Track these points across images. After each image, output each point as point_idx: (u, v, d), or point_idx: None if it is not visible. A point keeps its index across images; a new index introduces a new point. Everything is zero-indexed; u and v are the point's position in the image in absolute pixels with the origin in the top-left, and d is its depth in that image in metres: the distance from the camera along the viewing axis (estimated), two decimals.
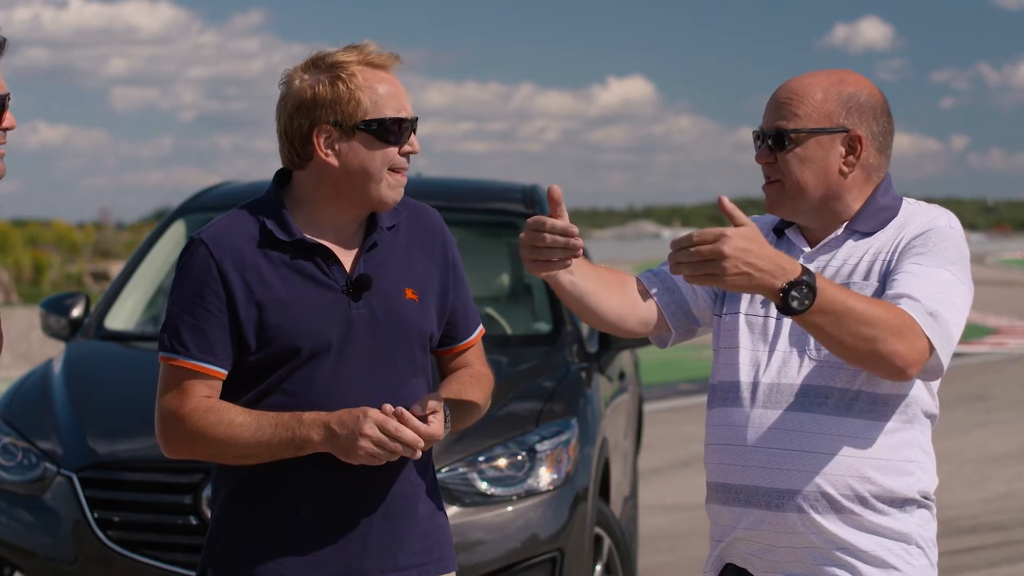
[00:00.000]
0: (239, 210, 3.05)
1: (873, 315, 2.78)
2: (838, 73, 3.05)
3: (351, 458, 2.90)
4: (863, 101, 3.01)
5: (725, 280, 2.69)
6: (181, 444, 2.99)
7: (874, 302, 2.82)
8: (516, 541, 5.09)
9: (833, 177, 3.00)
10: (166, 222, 6.92)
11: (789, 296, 2.71)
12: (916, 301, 2.83)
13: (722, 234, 2.67)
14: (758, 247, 2.69)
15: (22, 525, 5.23)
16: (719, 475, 3.04)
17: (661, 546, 8.42)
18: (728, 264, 2.68)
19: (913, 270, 2.89)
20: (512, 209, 6.77)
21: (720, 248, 2.67)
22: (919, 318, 2.82)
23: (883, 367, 2.82)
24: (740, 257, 2.68)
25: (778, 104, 3.02)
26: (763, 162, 3.03)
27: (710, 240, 2.67)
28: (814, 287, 2.72)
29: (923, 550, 2.98)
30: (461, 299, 3.18)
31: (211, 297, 2.96)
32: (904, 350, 2.79)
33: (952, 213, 3.03)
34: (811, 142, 2.99)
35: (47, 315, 6.46)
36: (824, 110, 2.99)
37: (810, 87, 3.01)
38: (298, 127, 2.99)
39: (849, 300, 2.77)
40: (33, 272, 38.70)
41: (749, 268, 2.69)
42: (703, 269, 2.69)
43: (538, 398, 5.53)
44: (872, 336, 2.77)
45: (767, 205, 3.07)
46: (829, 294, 2.75)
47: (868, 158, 3.01)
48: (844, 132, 2.99)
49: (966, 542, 8.35)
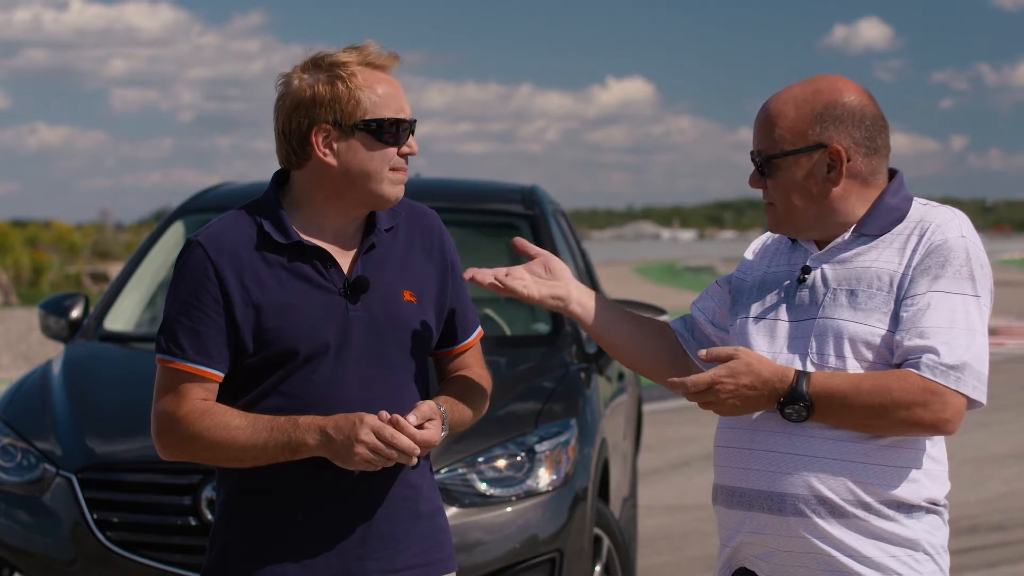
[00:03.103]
0: (237, 211, 3.04)
1: (885, 400, 2.83)
2: (814, 82, 3.00)
3: (346, 463, 2.89)
4: (839, 111, 2.96)
5: (722, 412, 2.93)
6: (177, 447, 2.98)
7: (883, 382, 2.84)
8: (515, 542, 5.09)
9: (820, 195, 2.98)
10: (165, 223, 6.92)
11: (784, 413, 2.89)
12: (937, 356, 2.83)
13: (712, 382, 2.87)
14: (748, 377, 2.87)
15: (21, 526, 5.22)
16: (725, 478, 3.04)
17: (660, 546, 8.42)
18: (723, 408, 2.90)
19: (932, 302, 2.87)
20: (512, 210, 6.76)
21: (715, 395, 2.88)
22: (943, 380, 2.83)
23: (920, 433, 2.89)
24: (732, 392, 2.87)
25: (759, 126, 3.02)
26: (755, 187, 3.06)
27: (703, 389, 2.89)
28: (807, 400, 2.86)
29: (931, 557, 2.95)
30: (460, 301, 3.18)
31: (208, 299, 2.96)
32: (931, 418, 2.84)
33: (963, 214, 3.00)
34: (790, 164, 2.97)
35: (46, 316, 6.46)
36: (798, 129, 2.96)
37: (784, 105, 2.98)
38: (296, 126, 2.98)
39: (853, 397, 2.84)
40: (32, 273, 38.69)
41: (740, 400, 2.89)
42: (701, 401, 2.92)
43: (537, 399, 5.52)
44: (891, 416, 2.84)
45: (769, 227, 3.09)
46: (826, 399, 2.86)
47: (855, 167, 2.97)
48: (822, 148, 2.96)
49: (966, 542, 8.35)
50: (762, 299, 3.06)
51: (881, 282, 2.93)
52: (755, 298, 3.08)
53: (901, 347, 2.87)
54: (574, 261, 7.07)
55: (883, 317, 2.91)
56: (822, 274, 3.00)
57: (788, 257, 3.09)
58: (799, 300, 3.00)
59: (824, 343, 2.93)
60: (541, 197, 6.88)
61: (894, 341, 2.89)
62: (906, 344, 2.87)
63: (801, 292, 3.01)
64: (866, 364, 2.90)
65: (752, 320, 3.04)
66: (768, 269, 3.12)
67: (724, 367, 2.87)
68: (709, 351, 2.91)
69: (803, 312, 2.99)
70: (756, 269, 3.15)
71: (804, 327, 2.97)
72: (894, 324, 2.90)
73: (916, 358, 2.85)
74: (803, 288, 3.01)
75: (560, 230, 6.98)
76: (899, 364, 2.88)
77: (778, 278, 3.07)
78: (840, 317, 2.93)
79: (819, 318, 2.95)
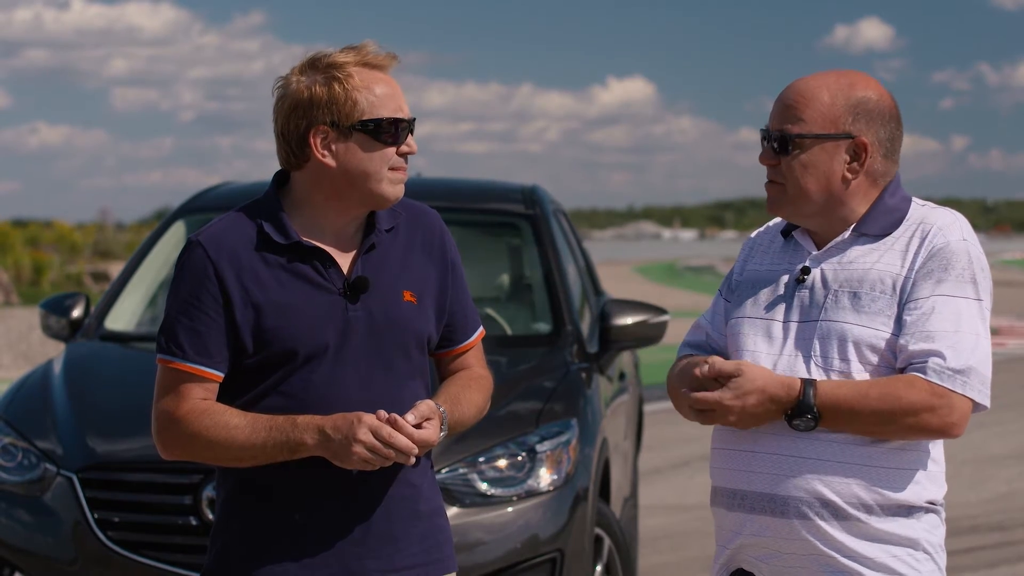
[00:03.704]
0: (237, 212, 3.05)
1: (893, 407, 2.84)
2: (848, 75, 2.99)
3: (345, 463, 2.89)
4: (871, 107, 2.96)
5: (734, 424, 2.94)
6: (177, 446, 2.99)
7: (890, 389, 2.84)
8: (516, 542, 5.09)
9: (836, 183, 2.97)
10: (166, 223, 6.91)
11: (793, 424, 2.89)
12: (943, 361, 2.84)
13: (718, 404, 2.89)
14: (754, 396, 2.88)
15: (22, 525, 5.22)
16: (724, 480, 3.03)
17: (661, 546, 8.42)
18: (735, 420, 2.91)
19: (936, 306, 2.88)
20: (512, 209, 6.76)
21: (722, 417, 2.91)
22: (950, 384, 2.84)
23: (926, 437, 2.90)
24: (739, 413, 2.90)
25: (784, 106, 2.98)
26: (766, 163, 3.02)
27: (712, 406, 2.90)
28: (814, 410, 2.86)
29: (930, 555, 2.96)
30: (460, 301, 3.18)
31: (208, 299, 2.96)
32: (938, 423, 2.85)
33: (963, 217, 3.00)
34: (815, 148, 2.95)
35: (47, 315, 6.45)
36: (830, 115, 2.95)
37: (817, 89, 2.97)
38: (295, 127, 2.99)
39: (860, 405, 2.85)
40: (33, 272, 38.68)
41: (745, 419, 2.91)
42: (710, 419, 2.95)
43: (538, 398, 5.52)
44: (898, 423, 2.85)
45: (768, 205, 3.05)
46: (834, 409, 2.86)
47: (873, 164, 2.97)
48: (849, 139, 2.95)
49: (966, 542, 8.34)
50: (761, 299, 3.04)
51: (884, 285, 2.93)
52: (753, 297, 3.06)
53: (906, 351, 2.87)
54: (575, 261, 7.07)
55: (887, 320, 2.90)
56: (822, 275, 2.99)
57: (785, 256, 3.07)
58: (799, 301, 2.99)
59: (828, 346, 2.92)
60: (542, 197, 6.88)
61: (898, 345, 2.89)
62: (911, 348, 2.86)
63: (801, 293, 3.00)
64: (870, 367, 2.90)
65: (751, 320, 3.03)
66: (762, 267, 3.10)
67: (729, 389, 2.88)
68: (712, 367, 2.91)
69: (804, 314, 2.98)
70: (751, 264, 3.13)
71: (807, 329, 2.96)
72: (898, 327, 2.90)
73: (922, 362, 2.85)
74: (802, 289, 3.00)
75: (561, 230, 6.98)
76: (903, 368, 2.88)
77: (775, 277, 3.05)
78: (844, 320, 2.92)
79: (822, 320, 2.95)
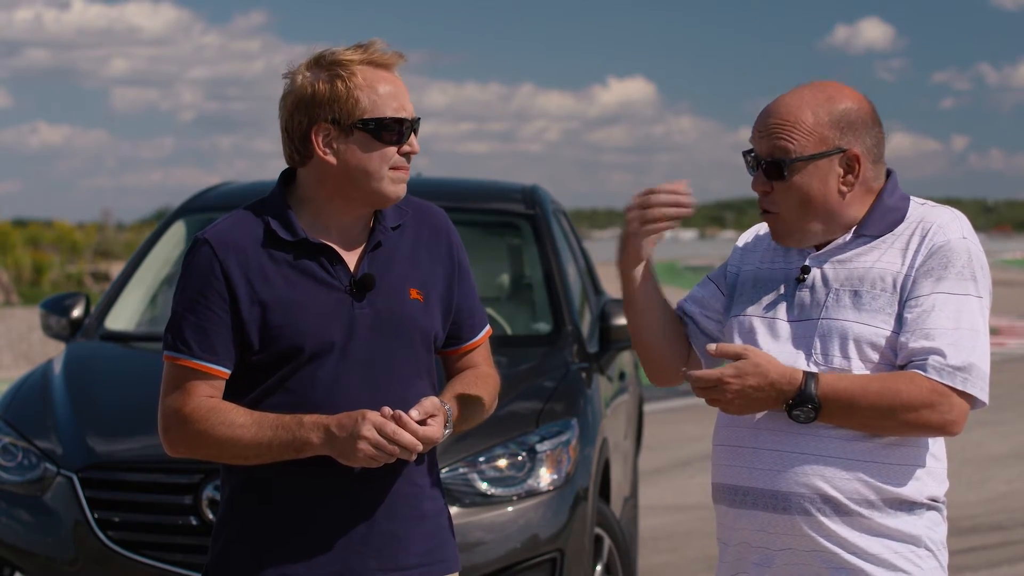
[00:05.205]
0: (244, 210, 3.05)
1: (893, 402, 2.84)
2: (823, 88, 2.98)
3: (350, 460, 2.90)
4: (854, 117, 2.96)
5: (728, 410, 2.92)
6: (183, 443, 2.99)
7: (890, 384, 2.85)
8: (516, 541, 5.09)
9: (833, 199, 2.96)
10: (166, 222, 6.91)
11: (792, 415, 2.88)
12: (943, 358, 2.85)
13: (719, 380, 2.86)
14: (755, 378, 2.86)
15: (22, 525, 5.22)
16: (726, 476, 3.03)
17: (661, 546, 8.42)
18: (729, 407, 2.90)
19: (936, 303, 2.88)
20: (512, 209, 6.77)
21: (723, 395, 2.88)
22: (950, 381, 2.85)
23: (925, 434, 2.91)
24: (737, 392, 2.87)
25: (769, 130, 2.96)
26: (760, 191, 3.00)
27: (712, 385, 2.88)
28: (815, 402, 2.85)
29: (932, 552, 2.96)
30: (467, 299, 3.18)
31: (214, 297, 2.97)
32: (938, 419, 2.86)
33: (962, 215, 3.00)
34: (809, 167, 2.94)
35: (47, 315, 6.45)
36: (818, 134, 2.93)
37: (799, 110, 2.95)
38: (298, 124, 2.99)
39: (860, 399, 2.85)
40: (33, 272, 38.67)
41: (745, 400, 2.88)
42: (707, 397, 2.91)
43: (538, 398, 5.52)
44: (897, 418, 2.85)
45: (772, 235, 3.04)
46: (834, 402, 2.86)
47: (865, 173, 2.97)
48: (841, 152, 2.95)
49: (966, 542, 8.34)
50: (760, 298, 3.05)
51: (884, 283, 2.93)
52: (752, 296, 3.06)
53: (906, 348, 2.88)
54: (575, 261, 7.08)
55: (887, 318, 2.91)
56: (822, 274, 2.99)
57: (784, 255, 3.07)
58: (799, 300, 3.00)
59: (828, 344, 2.93)
60: (542, 196, 6.88)
61: (898, 342, 2.90)
62: (911, 345, 2.87)
63: (801, 292, 3.00)
64: (871, 365, 2.91)
65: (750, 319, 3.03)
66: (762, 265, 3.10)
67: (732, 367, 2.87)
68: (718, 347, 2.91)
69: (804, 312, 2.98)
70: (747, 263, 3.14)
71: (807, 327, 2.96)
72: (898, 325, 2.90)
73: (922, 359, 2.85)
74: (802, 288, 3.00)
75: (561, 229, 6.98)
76: (904, 365, 2.88)
77: (774, 276, 3.06)
78: (844, 318, 2.93)
79: (822, 319, 2.95)
